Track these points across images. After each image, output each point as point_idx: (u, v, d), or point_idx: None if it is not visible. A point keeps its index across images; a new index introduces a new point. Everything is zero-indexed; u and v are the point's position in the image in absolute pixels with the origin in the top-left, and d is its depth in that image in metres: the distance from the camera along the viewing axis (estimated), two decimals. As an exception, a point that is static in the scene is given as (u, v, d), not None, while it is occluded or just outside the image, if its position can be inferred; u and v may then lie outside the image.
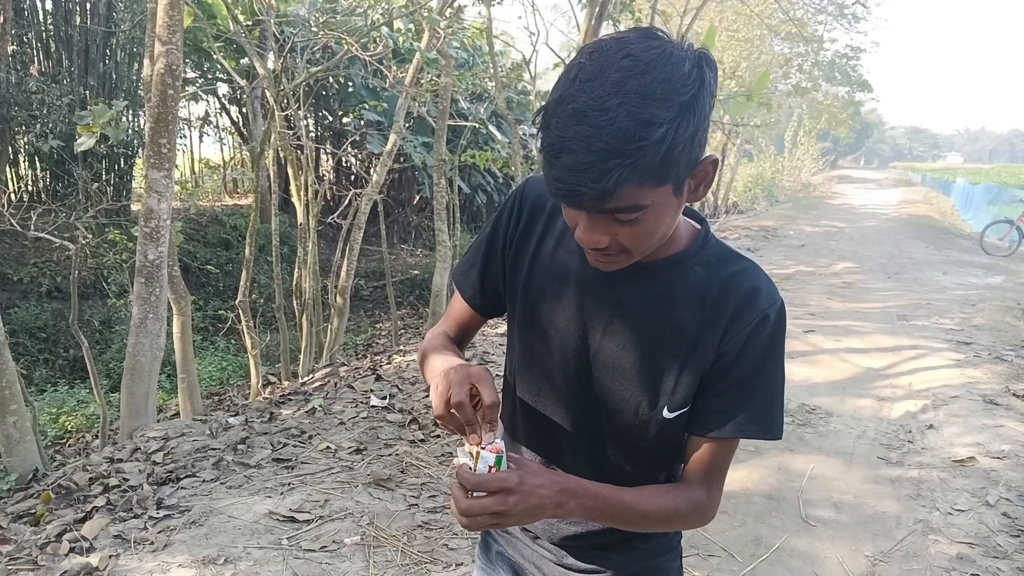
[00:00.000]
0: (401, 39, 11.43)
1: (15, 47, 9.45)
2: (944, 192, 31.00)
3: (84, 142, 4.07)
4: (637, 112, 0.79)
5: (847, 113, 31.31)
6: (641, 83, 0.80)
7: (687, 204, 1.00)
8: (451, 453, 3.76)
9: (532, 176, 1.20)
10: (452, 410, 0.94)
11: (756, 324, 1.01)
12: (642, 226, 0.90)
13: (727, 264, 1.05)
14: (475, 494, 0.91)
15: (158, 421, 4.42)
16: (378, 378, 5.05)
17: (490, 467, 0.91)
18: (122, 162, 10.96)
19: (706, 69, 0.85)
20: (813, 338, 6.54)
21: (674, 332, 1.04)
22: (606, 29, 7.54)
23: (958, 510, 3.44)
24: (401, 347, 7.27)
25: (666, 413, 1.06)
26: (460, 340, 1.32)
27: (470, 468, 0.91)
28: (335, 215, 7.79)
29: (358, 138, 11.52)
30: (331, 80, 12.08)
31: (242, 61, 10.40)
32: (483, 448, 0.92)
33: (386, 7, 6.95)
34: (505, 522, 0.92)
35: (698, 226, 1.10)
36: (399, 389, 4.69)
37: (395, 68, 7.90)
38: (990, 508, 3.44)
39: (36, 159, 10.29)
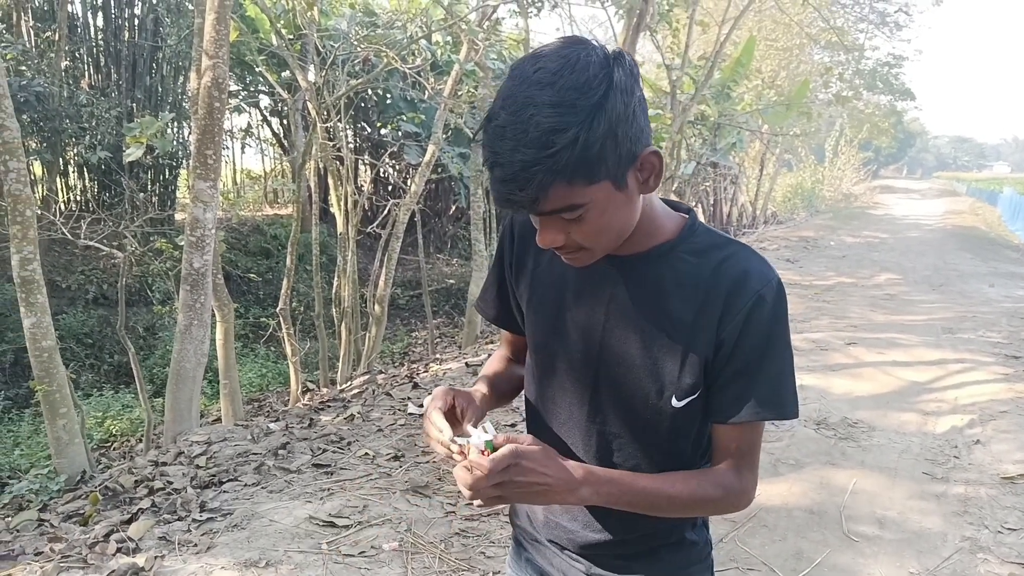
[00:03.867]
0: (439, 51, 11.57)
1: (67, 62, 9.76)
2: (990, 202, 30.24)
3: (132, 153, 4.19)
4: (547, 122, 0.86)
5: (889, 122, 30.83)
6: (550, 93, 0.86)
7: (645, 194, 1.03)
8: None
9: None
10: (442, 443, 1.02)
11: (752, 306, 1.02)
12: (589, 223, 0.95)
13: (716, 250, 1.07)
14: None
15: (201, 426, 4.51)
16: (415, 386, 5.09)
17: (481, 452, 0.95)
18: (167, 173, 11.23)
19: (615, 68, 0.89)
20: (855, 350, 6.43)
21: (670, 321, 1.06)
22: (643, 40, 7.53)
23: (1009, 529, 3.34)
24: (437, 356, 7.31)
25: (675, 402, 1.07)
26: (519, 357, 1.39)
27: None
28: (374, 225, 7.88)
29: (396, 149, 11.65)
30: (370, 92, 12.25)
31: (284, 74, 10.60)
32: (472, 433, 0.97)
33: (425, 20, 7.04)
34: (509, 495, 0.95)
35: (685, 216, 1.12)
36: (436, 397, 4.71)
37: (433, 80, 7.98)
38: (1042, 527, 3.33)
39: (85, 170, 10.59)
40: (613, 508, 1.10)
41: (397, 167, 13.61)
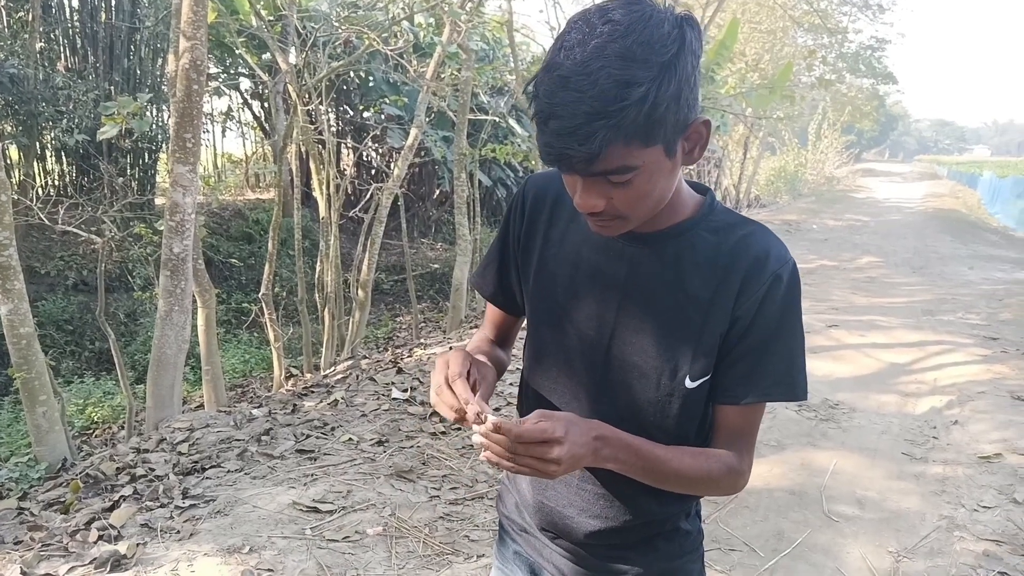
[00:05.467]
0: (422, 33, 11.44)
1: (43, 44, 9.57)
2: (970, 186, 30.57)
3: (107, 131, 4.10)
4: (618, 74, 0.82)
5: (871, 106, 30.95)
6: (621, 46, 0.83)
7: (685, 168, 1.01)
8: (471, 446, 3.78)
9: (533, 174, 1.22)
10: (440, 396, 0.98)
11: (769, 285, 1.01)
12: (635, 188, 0.92)
13: (735, 228, 1.06)
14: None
15: (183, 412, 4.48)
16: (399, 371, 5.08)
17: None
18: (146, 157, 11.07)
19: (687, 29, 0.87)
20: (836, 333, 6.48)
21: (688, 299, 1.04)
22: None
23: (984, 507, 3.40)
24: (422, 340, 7.30)
25: (688, 382, 1.06)
26: (501, 341, 1.35)
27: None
28: (356, 209, 7.82)
29: (379, 132, 11.56)
30: (352, 75, 12.12)
31: (264, 56, 10.47)
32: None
33: (407, 1, 6.97)
34: (547, 469, 0.91)
35: (703, 196, 1.11)
36: (420, 382, 4.72)
37: (416, 62, 7.92)
38: (1018, 505, 3.39)
39: (63, 154, 10.42)
40: (616, 491, 1.11)
41: (380, 150, 13.52)
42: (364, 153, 13.14)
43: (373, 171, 13.85)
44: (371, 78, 12.49)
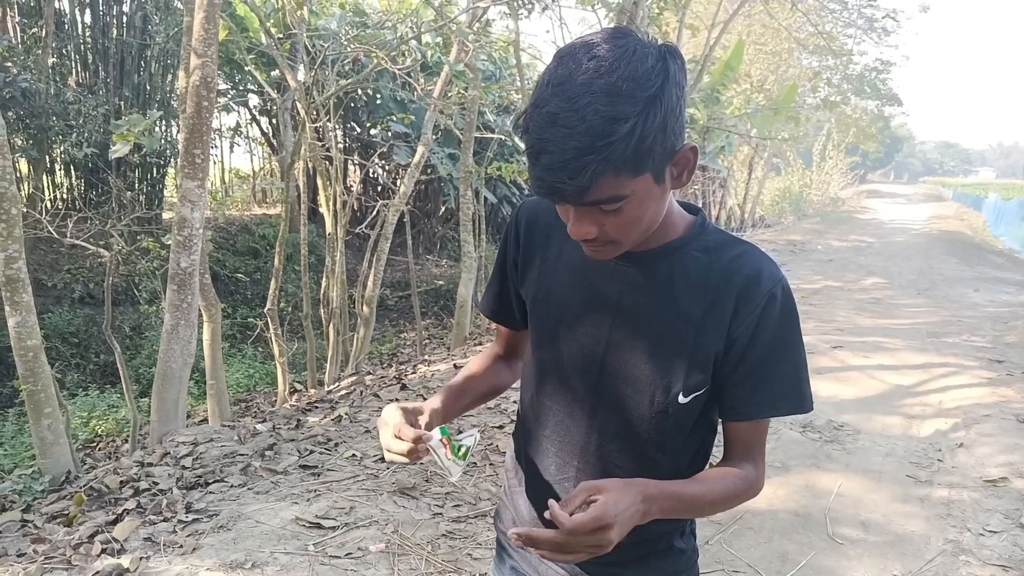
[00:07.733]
0: (430, 52, 11.56)
1: (55, 59, 9.68)
2: (975, 208, 30.54)
3: (119, 149, 4.16)
4: (604, 110, 0.84)
5: (876, 127, 31.04)
6: (607, 82, 0.85)
7: (674, 191, 1.04)
8: (474, 464, 3.77)
9: (526, 199, 1.25)
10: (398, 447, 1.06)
11: (764, 305, 1.03)
12: (626, 215, 0.95)
13: (727, 248, 1.08)
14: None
15: (187, 426, 4.49)
16: (403, 387, 5.09)
17: (441, 440, 1.06)
18: (155, 171, 11.16)
19: (670, 62, 0.89)
20: (841, 354, 6.47)
21: (680, 317, 1.06)
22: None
23: (990, 531, 3.37)
24: (426, 357, 7.30)
25: (681, 398, 1.08)
26: (510, 354, 1.40)
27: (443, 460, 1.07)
28: (363, 225, 7.87)
29: (386, 150, 11.64)
30: (360, 92, 12.22)
31: (273, 73, 10.58)
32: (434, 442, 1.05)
33: (415, 21, 7.04)
34: (602, 550, 0.94)
35: (694, 216, 1.13)
36: (424, 398, 4.70)
37: (423, 81, 7.98)
38: None
39: (72, 167, 10.51)
40: None
41: (386, 167, 13.59)
42: (371, 170, 13.22)
43: (379, 188, 13.93)
44: (379, 96, 12.59)
